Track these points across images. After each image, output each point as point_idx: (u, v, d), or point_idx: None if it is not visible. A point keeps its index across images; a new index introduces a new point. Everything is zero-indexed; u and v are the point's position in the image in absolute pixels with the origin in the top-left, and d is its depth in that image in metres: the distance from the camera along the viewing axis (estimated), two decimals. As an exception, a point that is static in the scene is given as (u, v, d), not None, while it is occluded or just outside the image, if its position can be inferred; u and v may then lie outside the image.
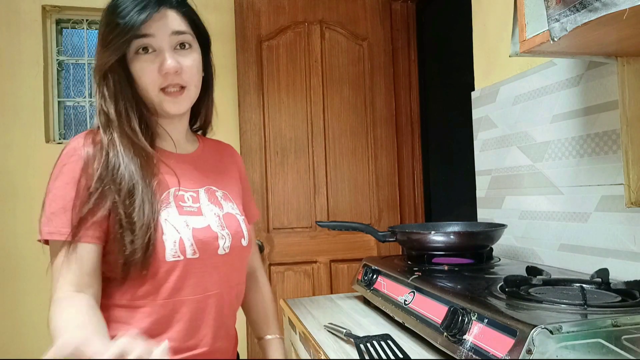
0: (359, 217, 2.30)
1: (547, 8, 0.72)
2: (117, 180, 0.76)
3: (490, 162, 1.38)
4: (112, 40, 0.78)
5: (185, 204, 0.83)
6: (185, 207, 0.83)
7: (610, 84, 0.96)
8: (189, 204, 0.84)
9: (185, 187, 0.86)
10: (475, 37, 1.50)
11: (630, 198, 0.90)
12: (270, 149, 2.25)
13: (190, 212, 0.83)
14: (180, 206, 0.83)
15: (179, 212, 0.82)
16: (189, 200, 0.84)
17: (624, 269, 0.93)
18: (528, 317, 0.62)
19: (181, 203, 0.83)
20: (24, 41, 2.31)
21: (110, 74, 0.81)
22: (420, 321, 0.82)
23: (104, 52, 0.79)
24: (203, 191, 0.88)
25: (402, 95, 2.50)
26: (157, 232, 0.77)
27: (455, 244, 1.07)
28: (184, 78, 0.83)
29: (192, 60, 0.84)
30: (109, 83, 0.81)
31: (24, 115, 2.30)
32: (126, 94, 0.82)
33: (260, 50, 2.26)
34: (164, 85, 0.82)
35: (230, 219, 0.89)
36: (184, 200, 0.84)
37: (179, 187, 0.84)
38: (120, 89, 0.82)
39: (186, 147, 0.93)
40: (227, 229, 0.87)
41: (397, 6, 2.49)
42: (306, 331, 0.99)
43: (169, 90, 0.82)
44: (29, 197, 2.28)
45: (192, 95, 0.87)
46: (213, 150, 0.99)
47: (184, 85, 0.83)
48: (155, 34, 0.80)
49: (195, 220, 0.83)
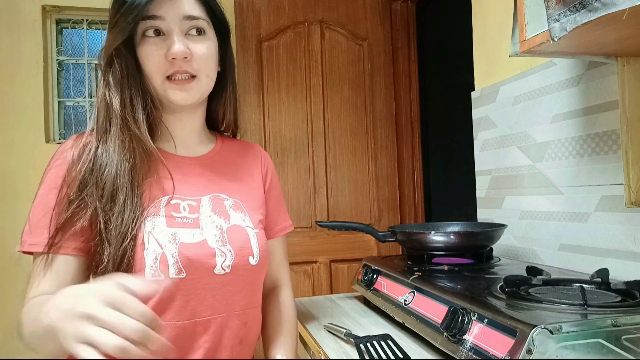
0: (359, 217, 2.30)
1: (547, 8, 0.72)
2: (101, 184, 0.69)
3: (490, 162, 1.38)
4: (118, 21, 0.71)
5: (178, 214, 0.73)
6: (177, 218, 0.73)
7: (610, 84, 0.96)
8: (183, 215, 0.74)
9: (183, 195, 0.76)
10: (475, 37, 1.50)
11: (630, 198, 0.90)
12: (270, 149, 2.25)
13: (183, 223, 0.73)
14: (172, 217, 0.72)
15: (168, 224, 0.71)
16: (184, 210, 0.74)
17: (624, 269, 0.93)
18: (528, 317, 0.62)
19: (173, 213, 0.73)
20: (24, 41, 2.31)
21: (117, 59, 0.74)
22: (420, 321, 0.82)
23: (110, 35, 0.73)
24: (207, 199, 0.78)
25: (402, 95, 2.50)
26: (138, 246, 0.68)
27: (455, 244, 1.07)
28: (195, 66, 0.75)
29: (206, 48, 0.76)
30: (114, 70, 0.74)
31: (24, 115, 2.30)
32: (133, 82, 0.75)
33: (260, 50, 2.26)
34: (170, 72, 0.74)
35: (236, 233, 0.77)
36: (179, 210, 0.74)
37: (172, 195, 0.74)
38: (127, 77, 0.74)
39: (194, 149, 0.83)
40: (230, 244, 0.76)
41: (397, 6, 2.49)
42: (306, 331, 0.99)
43: (176, 78, 0.74)
44: (29, 197, 2.26)
45: (203, 87, 0.78)
46: (233, 152, 0.88)
47: (194, 74, 0.75)
48: (165, 16, 0.72)
49: (187, 233, 0.72)
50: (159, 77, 0.74)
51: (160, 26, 0.73)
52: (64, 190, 0.69)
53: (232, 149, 0.89)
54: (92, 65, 2.51)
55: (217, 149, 0.86)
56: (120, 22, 0.71)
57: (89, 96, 2.49)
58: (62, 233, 0.67)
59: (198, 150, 0.84)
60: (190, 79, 0.75)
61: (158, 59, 0.73)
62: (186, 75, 0.75)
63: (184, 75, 0.75)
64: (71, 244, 0.69)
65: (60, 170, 0.71)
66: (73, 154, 0.72)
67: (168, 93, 0.75)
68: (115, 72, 0.74)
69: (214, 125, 0.89)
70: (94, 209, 0.68)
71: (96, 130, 0.74)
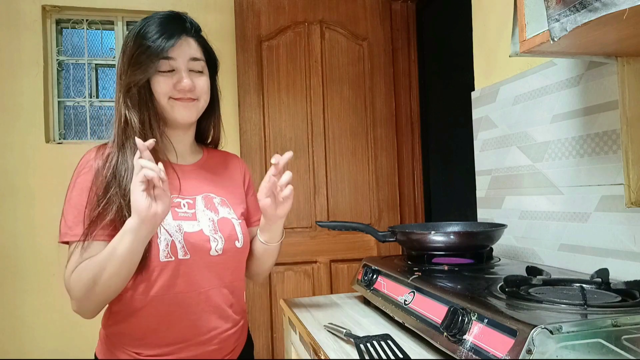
0: (359, 217, 2.30)
1: (547, 8, 0.72)
2: (122, 186, 0.87)
3: (490, 162, 1.39)
4: (144, 61, 0.90)
5: (180, 210, 0.94)
6: (180, 213, 0.93)
7: (610, 84, 0.96)
8: (184, 210, 0.94)
9: (183, 195, 0.96)
10: (475, 37, 1.50)
11: (630, 198, 0.90)
12: (270, 149, 2.25)
13: (185, 217, 0.93)
14: (176, 212, 0.93)
15: (173, 217, 0.92)
16: (184, 206, 0.95)
17: (624, 269, 0.93)
18: (528, 317, 0.62)
19: (177, 209, 0.93)
20: (24, 41, 2.31)
21: (135, 87, 0.91)
22: (420, 321, 0.82)
23: (134, 70, 0.90)
24: (200, 198, 0.98)
25: (402, 95, 2.50)
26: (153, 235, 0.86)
27: (455, 244, 1.07)
28: (196, 93, 0.95)
29: (204, 82, 0.97)
30: (133, 95, 0.92)
31: (24, 115, 2.30)
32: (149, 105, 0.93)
33: (260, 50, 2.26)
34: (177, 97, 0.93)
35: (224, 223, 0.98)
36: (180, 206, 0.94)
37: (177, 195, 0.94)
38: (145, 101, 0.92)
39: (189, 159, 1.03)
40: (221, 232, 0.96)
41: (397, 6, 2.49)
42: (306, 331, 0.99)
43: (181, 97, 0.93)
44: (29, 197, 2.28)
45: (201, 108, 0.98)
46: (217, 160, 1.09)
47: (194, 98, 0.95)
48: (177, 58, 0.92)
49: (188, 224, 0.93)
50: (166, 97, 0.93)
51: (172, 65, 0.93)
52: (94, 192, 0.88)
53: (215, 158, 1.10)
54: (92, 65, 2.52)
55: (205, 158, 1.07)
56: (147, 62, 0.90)
57: (89, 96, 2.49)
58: (94, 225, 0.86)
59: (190, 159, 1.04)
60: (191, 99, 0.95)
61: (167, 87, 0.93)
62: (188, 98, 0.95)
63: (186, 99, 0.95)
64: (103, 232, 0.87)
65: (88, 176, 0.90)
66: (98, 163, 0.90)
67: (174, 110, 0.94)
68: (133, 97, 0.92)
69: (201, 139, 1.10)
70: (119, 204, 0.86)
71: (116, 143, 0.92)
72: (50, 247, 2.28)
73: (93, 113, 2.53)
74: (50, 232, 2.30)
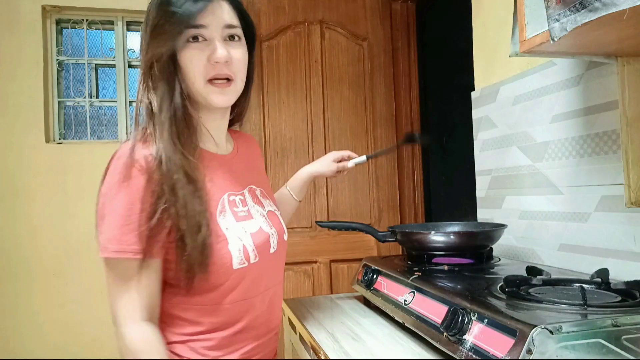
0: (359, 217, 2.30)
1: (547, 8, 0.72)
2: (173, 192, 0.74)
3: (490, 162, 1.38)
4: (168, 29, 0.76)
5: (237, 208, 0.84)
6: (239, 213, 0.84)
7: (610, 84, 0.96)
8: (240, 209, 0.85)
9: (234, 191, 0.86)
10: (475, 37, 1.50)
11: (630, 198, 0.90)
12: (270, 149, 2.24)
13: (244, 217, 0.84)
14: (235, 212, 0.83)
15: (236, 219, 0.82)
16: (239, 204, 0.85)
17: (624, 269, 0.93)
18: (528, 317, 0.62)
19: (235, 209, 0.83)
20: (24, 41, 2.31)
21: (157, 64, 0.78)
22: (420, 321, 0.82)
23: (157, 41, 0.77)
24: (247, 192, 0.89)
25: (402, 95, 2.50)
26: (221, 242, 0.77)
27: (455, 244, 1.07)
28: (232, 69, 0.81)
29: (241, 54, 0.83)
30: (154, 74, 0.79)
31: (24, 115, 2.30)
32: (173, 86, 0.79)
33: (260, 50, 2.26)
34: (212, 75, 0.79)
35: (273, 217, 0.91)
36: (236, 204, 0.84)
37: (231, 192, 0.85)
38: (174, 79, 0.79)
39: (226, 147, 0.91)
40: (274, 227, 0.89)
41: (397, 6, 2.49)
42: (306, 331, 0.99)
43: (216, 82, 0.80)
44: (29, 197, 2.28)
45: (238, 89, 0.84)
46: (244, 145, 0.98)
47: (230, 78, 0.81)
48: (209, 25, 0.78)
49: (250, 224, 0.84)
50: (201, 81, 0.79)
51: (204, 34, 0.79)
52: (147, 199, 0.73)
53: (242, 142, 0.98)
54: (92, 65, 2.52)
55: (236, 144, 0.95)
56: (169, 29, 0.76)
57: (89, 96, 2.49)
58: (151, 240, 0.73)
59: (228, 148, 0.92)
60: (227, 82, 0.81)
61: (201, 62, 0.78)
62: (224, 79, 0.81)
63: (222, 79, 0.81)
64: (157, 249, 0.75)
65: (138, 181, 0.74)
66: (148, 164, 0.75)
67: (210, 96, 0.81)
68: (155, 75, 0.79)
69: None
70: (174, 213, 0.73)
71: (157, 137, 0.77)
72: (50, 246, 2.28)
73: (93, 113, 2.53)
74: (50, 232, 2.30)
